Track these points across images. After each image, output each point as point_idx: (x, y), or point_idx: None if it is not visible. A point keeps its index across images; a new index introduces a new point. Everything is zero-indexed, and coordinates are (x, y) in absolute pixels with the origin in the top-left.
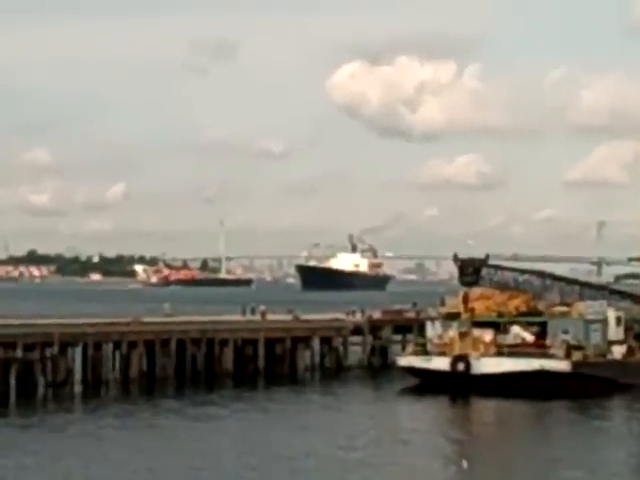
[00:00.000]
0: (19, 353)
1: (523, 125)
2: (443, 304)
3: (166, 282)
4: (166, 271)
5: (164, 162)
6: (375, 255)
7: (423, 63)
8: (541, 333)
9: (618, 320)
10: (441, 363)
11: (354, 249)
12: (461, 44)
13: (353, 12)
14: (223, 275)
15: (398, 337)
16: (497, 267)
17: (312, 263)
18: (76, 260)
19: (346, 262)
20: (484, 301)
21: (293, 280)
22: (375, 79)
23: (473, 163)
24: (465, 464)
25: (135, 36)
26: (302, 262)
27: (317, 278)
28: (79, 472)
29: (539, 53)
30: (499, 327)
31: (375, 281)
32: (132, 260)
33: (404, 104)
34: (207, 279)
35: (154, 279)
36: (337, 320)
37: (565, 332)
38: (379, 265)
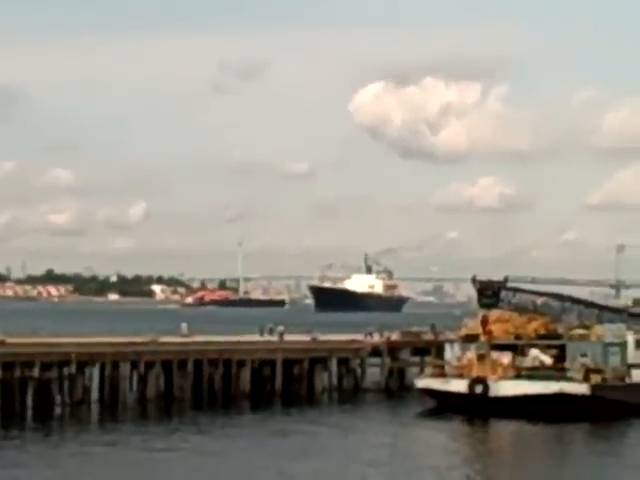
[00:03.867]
0: (36, 372)
1: (547, 148)
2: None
3: (201, 302)
4: (201, 292)
5: (187, 182)
6: (390, 277)
7: (449, 84)
8: (560, 356)
9: (637, 343)
10: (459, 385)
11: (369, 270)
12: (488, 66)
13: (381, 33)
14: (256, 296)
15: (416, 359)
16: (516, 290)
17: (327, 284)
18: (94, 280)
19: (361, 283)
20: (503, 323)
21: (310, 301)
22: (399, 100)
23: (495, 185)
24: None
25: (162, 56)
26: (316, 283)
27: (331, 299)
28: None
29: (566, 76)
30: (517, 350)
31: (390, 303)
32: (150, 280)
33: (427, 125)
34: (241, 299)
35: (189, 299)
36: (355, 341)
37: (584, 355)
38: (394, 287)
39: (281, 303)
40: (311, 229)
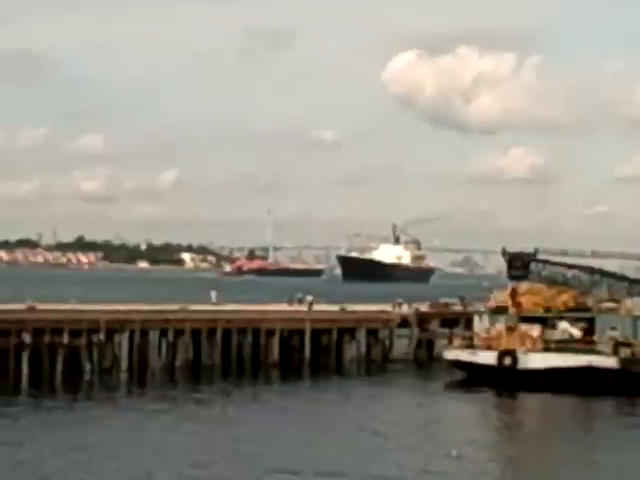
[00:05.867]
0: (66, 339)
1: (578, 119)
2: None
3: (239, 271)
4: (239, 261)
5: (217, 150)
6: (419, 247)
7: (483, 54)
8: (589, 329)
9: None
10: (488, 357)
11: (397, 241)
12: (523, 37)
13: (415, 1)
14: (294, 265)
15: (445, 330)
16: (546, 262)
17: (354, 254)
18: (123, 247)
19: (388, 254)
20: (532, 296)
21: (339, 271)
22: (433, 69)
23: (526, 156)
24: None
25: (192, 23)
26: (343, 253)
27: (358, 269)
28: (121, 457)
29: (598, 46)
30: (547, 322)
31: (417, 274)
32: (179, 248)
33: (460, 95)
34: (279, 269)
35: (227, 268)
36: (384, 312)
37: (613, 328)
38: (422, 257)
39: (318, 273)
40: (341, 199)
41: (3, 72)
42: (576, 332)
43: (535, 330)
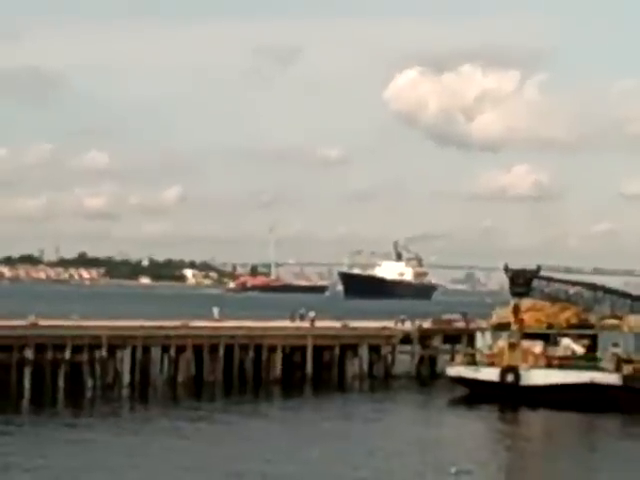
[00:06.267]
0: (68, 355)
1: (582, 137)
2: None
3: (243, 288)
4: (243, 278)
5: (222, 167)
6: (420, 264)
7: (486, 72)
8: (591, 346)
9: None
10: (490, 374)
11: (399, 257)
12: (527, 55)
13: (419, 20)
14: (298, 282)
15: (447, 347)
16: (548, 279)
17: (356, 271)
18: (126, 263)
19: (390, 270)
20: (534, 312)
21: (341, 288)
22: (436, 87)
23: (530, 173)
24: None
25: (198, 42)
26: (345, 269)
27: (360, 286)
28: (124, 473)
29: (603, 65)
30: (549, 339)
31: (420, 290)
32: (182, 264)
33: (463, 113)
34: (283, 285)
35: (232, 285)
36: (386, 328)
37: (615, 345)
38: (424, 274)
39: (322, 289)
40: (344, 216)
41: (11, 89)
42: (579, 349)
43: (537, 347)
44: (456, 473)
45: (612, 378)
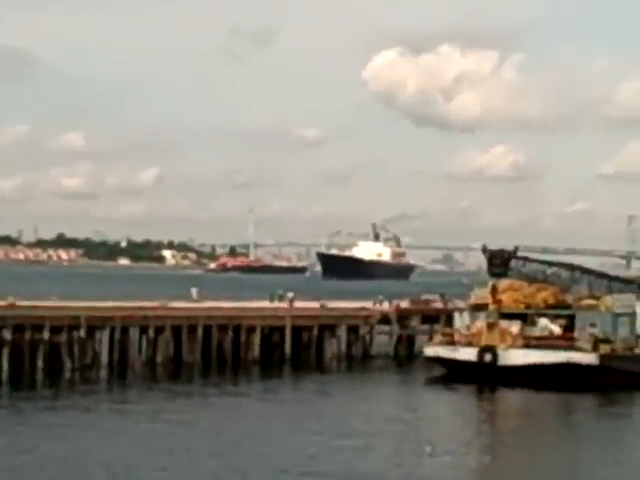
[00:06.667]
0: (46, 335)
1: (560, 117)
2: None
3: (224, 268)
4: (224, 258)
5: (199, 147)
6: (398, 244)
7: (465, 53)
8: (569, 326)
9: None
10: (468, 354)
11: (377, 238)
12: (505, 35)
13: (398, 1)
14: (279, 262)
15: (425, 327)
16: (526, 259)
17: (333, 251)
18: (104, 244)
19: (368, 251)
20: (512, 293)
21: (319, 268)
22: (414, 67)
23: (508, 154)
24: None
25: (174, 21)
26: (323, 250)
27: (338, 266)
28: (103, 454)
29: (580, 45)
30: (527, 319)
31: (398, 270)
32: (160, 245)
33: (442, 93)
34: (263, 266)
35: (212, 265)
36: (364, 309)
37: (593, 325)
38: (402, 254)
39: (302, 270)
40: (322, 196)
41: None
42: (556, 329)
43: (515, 327)
44: (431, 453)
45: (589, 358)
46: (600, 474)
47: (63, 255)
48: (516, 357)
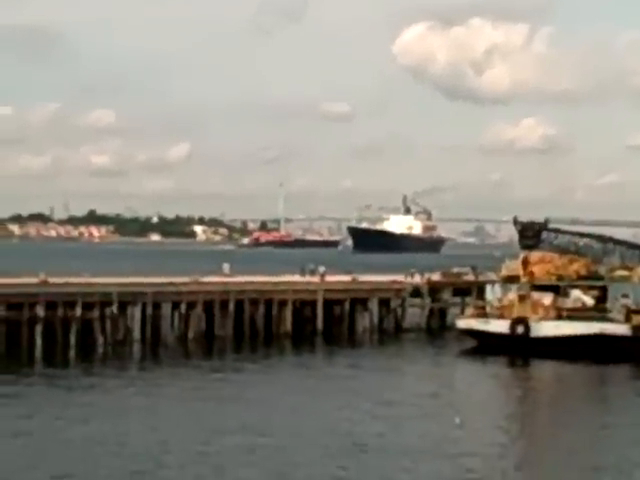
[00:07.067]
0: (79, 312)
1: (590, 89)
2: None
3: (257, 243)
4: (257, 233)
5: (228, 123)
6: (429, 217)
7: (496, 25)
8: (601, 297)
9: None
10: (500, 326)
11: (408, 211)
12: (536, 8)
13: None
14: (311, 237)
15: (457, 300)
16: (557, 231)
17: (364, 225)
18: (135, 220)
19: (399, 224)
20: (544, 265)
21: (351, 242)
22: (445, 40)
23: (538, 126)
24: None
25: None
26: (354, 224)
27: (369, 240)
28: (136, 428)
29: (611, 17)
30: (559, 290)
31: (428, 244)
32: (191, 221)
33: (472, 66)
34: (296, 240)
35: (245, 240)
36: (396, 282)
37: (625, 296)
38: (433, 228)
39: (335, 244)
40: (352, 171)
41: (14, 48)
42: (588, 300)
43: (547, 298)
44: (460, 424)
45: (622, 329)
46: (634, 446)
47: (94, 232)
48: (548, 329)
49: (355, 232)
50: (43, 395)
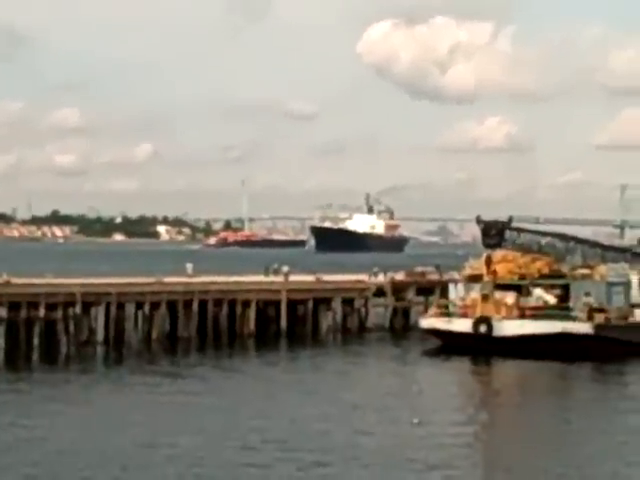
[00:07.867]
0: (42, 313)
1: (554, 87)
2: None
3: (224, 243)
4: (224, 233)
5: (192, 123)
6: (392, 216)
7: (460, 24)
8: (563, 295)
9: None
10: (463, 325)
11: (370, 210)
12: (499, 6)
13: None
14: (278, 236)
15: (420, 299)
16: (520, 230)
17: (327, 224)
18: (99, 221)
19: (362, 223)
20: (507, 263)
21: (314, 242)
22: (409, 39)
23: (502, 125)
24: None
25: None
26: (316, 223)
27: (331, 240)
28: (99, 429)
29: (574, 15)
30: (521, 289)
31: (391, 243)
32: (155, 221)
33: (436, 65)
34: (263, 240)
35: (212, 240)
36: (359, 282)
37: (587, 294)
38: (396, 227)
39: (302, 243)
40: (316, 169)
41: None
42: (551, 299)
43: (510, 297)
44: (418, 423)
45: (584, 327)
46: (594, 442)
47: (58, 232)
48: (511, 328)
49: (317, 232)
50: (6, 396)
